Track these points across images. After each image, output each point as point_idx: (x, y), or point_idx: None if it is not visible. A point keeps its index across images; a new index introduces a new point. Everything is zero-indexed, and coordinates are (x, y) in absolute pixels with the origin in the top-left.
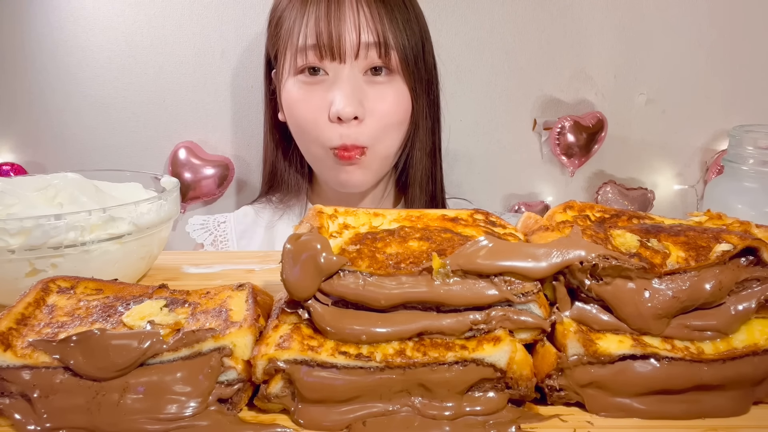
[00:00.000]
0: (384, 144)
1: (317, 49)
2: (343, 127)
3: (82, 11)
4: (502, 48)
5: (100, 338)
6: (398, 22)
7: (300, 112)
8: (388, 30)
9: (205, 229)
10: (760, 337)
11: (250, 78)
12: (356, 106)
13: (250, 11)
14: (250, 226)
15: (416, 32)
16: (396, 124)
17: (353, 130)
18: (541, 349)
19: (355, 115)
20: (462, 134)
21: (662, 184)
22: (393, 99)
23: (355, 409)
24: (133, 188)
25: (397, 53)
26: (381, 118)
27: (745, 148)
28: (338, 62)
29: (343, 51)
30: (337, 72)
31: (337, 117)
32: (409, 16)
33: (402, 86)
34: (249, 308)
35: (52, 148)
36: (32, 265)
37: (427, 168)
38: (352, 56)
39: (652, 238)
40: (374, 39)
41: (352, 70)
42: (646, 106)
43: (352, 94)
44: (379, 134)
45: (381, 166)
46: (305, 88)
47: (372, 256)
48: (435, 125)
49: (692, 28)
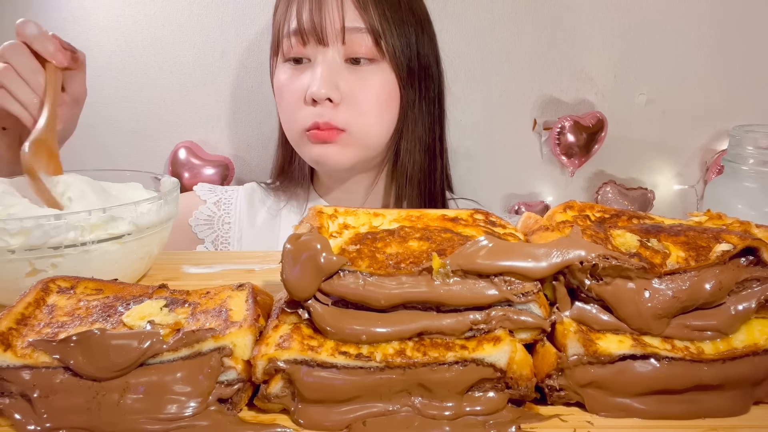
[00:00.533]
0: (364, 127)
1: (300, 35)
2: (316, 108)
3: (82, 11)
4: (502, 48)
5: (100, 338)
6: (385, 9)
7: (283, 96)
8: (374, 16)
9: (213, 192)
10: (760, 337)
11: (250, 78)
12: (330, 89)
13: (250, 11)
14: (257, 203)
15: (408, 22)
16: (377, 110)
17: (327, 111)
18: (541, 349)
19: (328, 96)
20: (462, 134)
21: (662, 184)
22: (375, 85)
23: (355, 409)
24: (133, 188)
25: (383, 41)
26: (358, 102)
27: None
28: (322, 46)
29: (324, 34)
30: (318, 56)
31: (312, 99)
32: (400, 5)
33: (389, 74)
34: (249, 308)
35: None
36: (32, 265)
37: (422, 164)
38: (336, 40)
39: (652, 238)
40: (357, 24)
41: (333, 55)
42: (646, 106)
43: (328, 77)
44: (355, 119)
45: (362, 148)
46: (289, 73)
47: (372, 256)
48: (434, 122)
49: (692, 28)
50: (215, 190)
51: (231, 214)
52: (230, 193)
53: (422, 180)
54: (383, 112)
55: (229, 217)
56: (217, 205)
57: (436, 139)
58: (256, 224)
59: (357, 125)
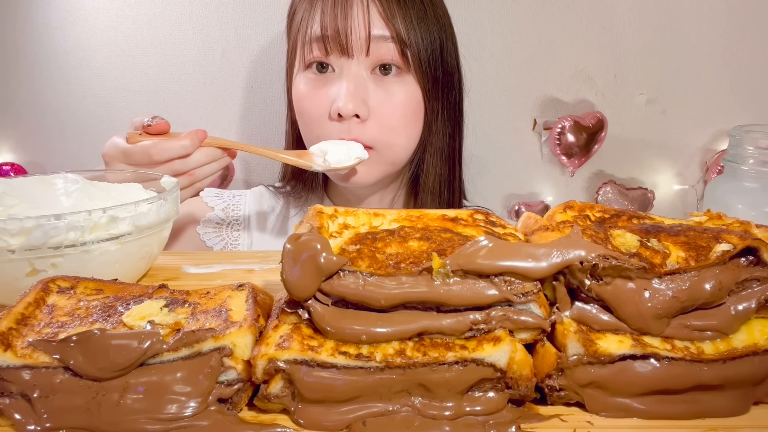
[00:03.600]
0: (390, 148)
1: (323, 42)
2: (343, 125)
3: (82, 11)
4: (502, 48)
5: (100, 338)
6: (412, 18)
7: (305, 108)
8: (401, 25)
9: (220, 198)
10: (760, 337)
11: (250, 78)
12: (358, 104)
13: (250, 11)
14: (266, 208)
15: (433, 30)
16: (403, 126)
17: (354, 128)
18: (541, 349)
19: (356, 112)
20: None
21: (662, 184)
22: (401, 99)
23: (355, 409)
24: (133, 188)
25: (409, 50)
26: (386, 118)
27: (745, 148)
28: (345, 57)
29: (349, 44)
30: (343, 68)
31: (338, 114)
32: (426, 13)
33: (414, 86)
34: (249, 308)
35: (52, 148)
36: (32, 265)
37: (442, 174)
38: (360, 51)
39: (652, 238)
40: (383, 33)
41: (358, 67)
42: (646, 106)
43: (355, 91)
44: (383, 136)
45: (388, 165)
46: (311, 83)
47: (372, 256)
48: (455, 130)
49: (692, 28)
50: (222, 195)
51: (239, 220)
52: (238, 199)
53: (442, 191)
54: (409, 127)
55: (238, 224)
56: (224, 212)
57: (456, 147)
58: (265, 230)
59: (384, 142)
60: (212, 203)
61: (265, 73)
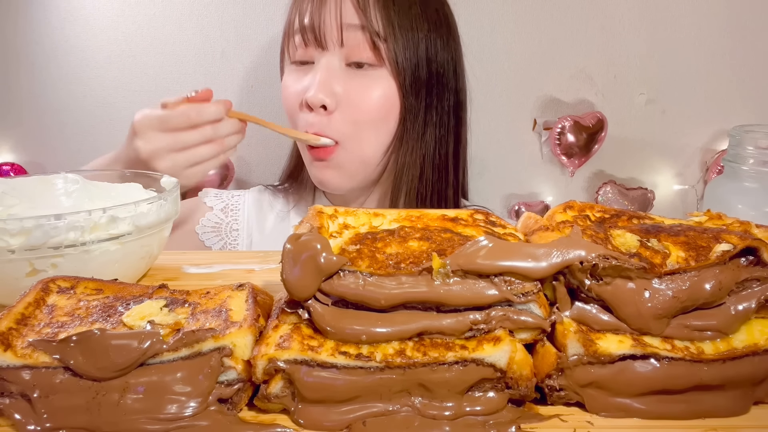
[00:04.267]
0: (358, 143)
1: (300, 34)
2: (311, 115)
3: (82, 11)
4: (502, 48)
5: (100, 338)
6: (390, 11)
7: (284, 99)
8: (374, 15)
9: (219, 198)
10: (760, 337)
11: (250, 78)
12: (326, 94)
13: (250, 11)
14: (265, 207)
15: (418, 27)
16: (372, 121)
17: (321, 119)
18: (541, 349)
19: (322, 103)
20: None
21: (662, 184)
22: (373, 93)
23: (355, 409)
24: (133, 188)
25: (384, 43)
26: (354, 111)
27: (745, 148)
28: (321, 49)
29: (322, 35)
30: (320, 60)
31: (306, 104)
32: (410, 9)
33: (389, 81)
34: (249, 308)
35: (52, 148)
36: (32, 265)
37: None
38: (334, 42)
39: (652, 238)
40: (353, 22)
41: (332, 58)
42: (646, 106)
43: (325, 81)
44: (349, 130)
45: (358, 168)
46: (293, 75)
47: (372, 256)
48: (449, 137)
49: (692, 28)
50: (221, 195)
51: (239, 220)
52: (237, 199)
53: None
54: (379, 122)
55: (237, 224)
56: (224, 212)
57: (448, 152)
58: (265, 230)
59: (350, 135)
60: (211, 203)
61: (265, 73)
